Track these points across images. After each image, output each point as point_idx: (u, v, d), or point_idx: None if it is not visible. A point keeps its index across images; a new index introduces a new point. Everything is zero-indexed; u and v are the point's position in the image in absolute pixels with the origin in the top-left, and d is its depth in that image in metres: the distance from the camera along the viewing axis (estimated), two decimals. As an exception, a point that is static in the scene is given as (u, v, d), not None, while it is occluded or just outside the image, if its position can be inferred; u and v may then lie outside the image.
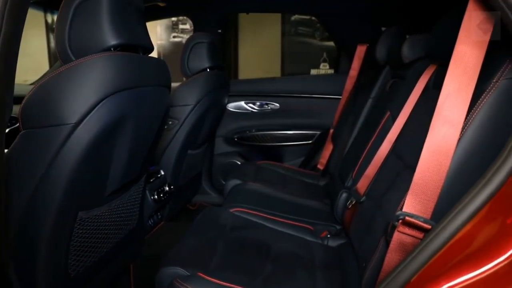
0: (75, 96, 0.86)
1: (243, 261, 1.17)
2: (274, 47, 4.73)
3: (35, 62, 3.09)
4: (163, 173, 1.73)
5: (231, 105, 2.47)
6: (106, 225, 1.13)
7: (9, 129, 1.26)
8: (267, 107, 2.48)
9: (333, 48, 3.01)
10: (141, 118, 1.08)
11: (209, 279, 1.01)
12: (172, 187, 1.74)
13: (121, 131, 1.00)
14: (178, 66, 1.90)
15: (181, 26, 4.72)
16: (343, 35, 2.48)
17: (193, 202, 2.39)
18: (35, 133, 0.87)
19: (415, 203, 0.76)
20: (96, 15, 0.93)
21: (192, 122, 1.74)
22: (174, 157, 1.75)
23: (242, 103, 2.49)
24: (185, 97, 1.74)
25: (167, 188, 1.71)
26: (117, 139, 1.01)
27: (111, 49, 0.94)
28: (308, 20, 4.61)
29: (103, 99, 0.88)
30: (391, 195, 1.04)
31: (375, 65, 1.90)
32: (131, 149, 1.08)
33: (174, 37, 4.75)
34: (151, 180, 1.63)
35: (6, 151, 0.88)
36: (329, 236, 1.43)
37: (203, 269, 1.06)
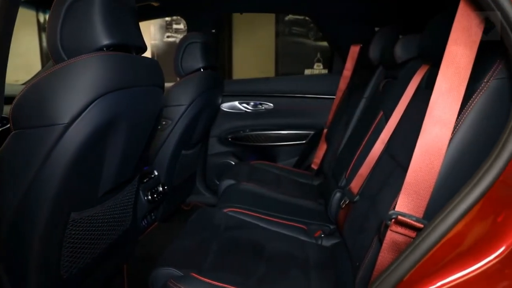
0: (67, 96, 0.85)
1: (237, 261, 1.17)
2: (268, 47, 4.74)
3: (26, 61, 3.06)
4: (156, 173, 1.73)
5: (225, 105, 2.47)
6: (99, 226, 1.12)
7: (0, 130, 1.25)
8: (261, 107, 2.48)
9: (327, 48, 3.02)
10: (134, 118, 1.08)
11: (203, 279, 1.01)
12: (166, 187, 1.73)
13: (114, 131, 0.99)
14: (171, 66, 1.89)
15: (175, 26, 4.70)
16: (336, 35, 2.49)
17: (187, 202, 2.39)
18: (27, 133, 0.86)
19: (407, 203, 0.77)
20: (88, 15, 0.92)
21: (186, 122, 1.74)
22: (168, 157, 1.75)
23: (236, 103, 2.48)
24: (178, 97, 1.74)
25: (161, 188, 1.71)
26: (110, 140, 1.00)
27: (104, 49, 0.94)
28: (302, 20, 4.61)
29: (95, 99, 0.88)
30: (384, 195, 1.05)
31: (368, 65, 1.91)
32: (124, 149, 1.07)
33: (168, 37, 4.73)
34: (145, 180, 1.62)
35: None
36: (323, 235, 1.43)
37: (197, 270, 1.06)
